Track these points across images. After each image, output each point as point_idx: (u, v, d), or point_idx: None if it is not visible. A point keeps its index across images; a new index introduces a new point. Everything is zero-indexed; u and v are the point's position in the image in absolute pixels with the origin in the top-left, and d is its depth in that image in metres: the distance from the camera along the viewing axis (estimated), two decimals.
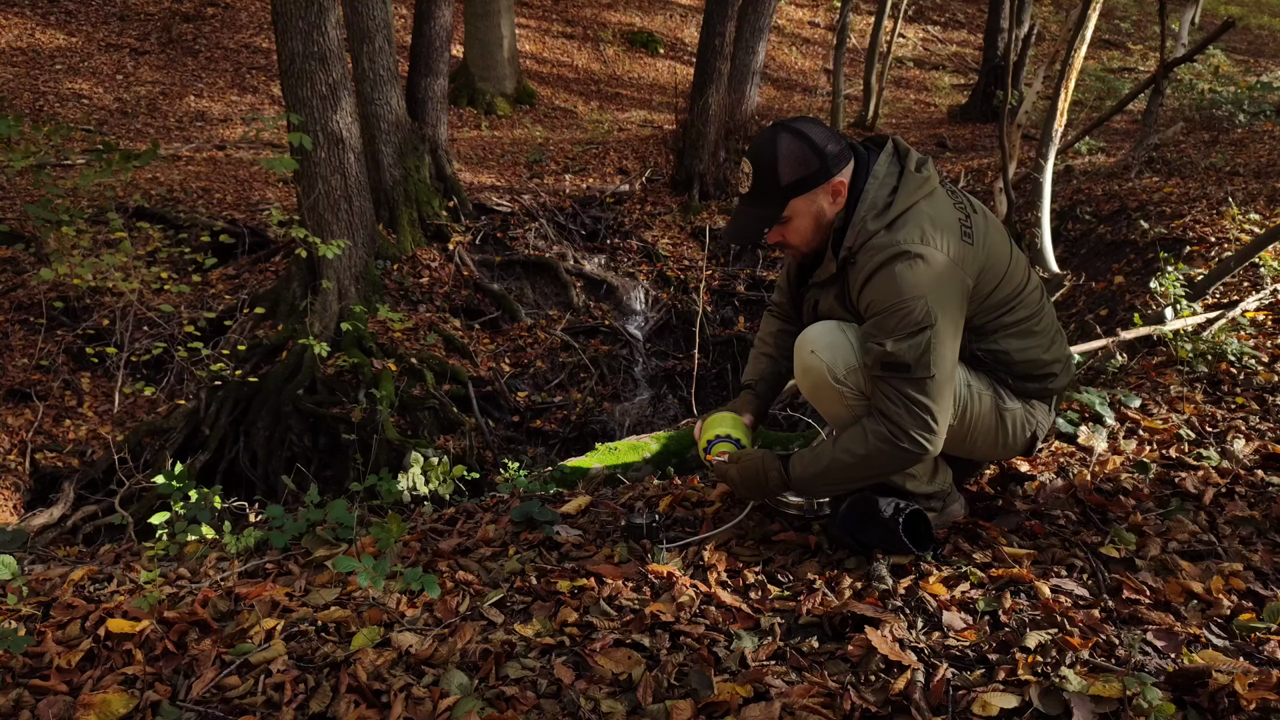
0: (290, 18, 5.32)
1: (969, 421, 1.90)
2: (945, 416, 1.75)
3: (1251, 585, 1.72)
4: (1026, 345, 1.89)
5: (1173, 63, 6.57)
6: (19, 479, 4.84)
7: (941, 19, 17.32)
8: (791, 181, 1.76)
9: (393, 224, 6.72)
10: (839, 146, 1.78)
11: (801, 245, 1.86)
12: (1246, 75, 11.89)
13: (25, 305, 5.84)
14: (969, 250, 1.75)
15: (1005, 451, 2.02)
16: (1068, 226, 6.13)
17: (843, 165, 1.78)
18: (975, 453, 2.03)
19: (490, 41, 11.73)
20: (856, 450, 1.78)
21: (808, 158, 1.75)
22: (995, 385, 1.93)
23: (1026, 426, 1.97)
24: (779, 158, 1.75)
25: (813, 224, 1.81)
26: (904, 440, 1.73)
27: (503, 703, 1.50)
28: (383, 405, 5.21)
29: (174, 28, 12.36)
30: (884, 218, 1.72)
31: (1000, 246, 1.84)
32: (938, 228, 1.71)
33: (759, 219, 1.82)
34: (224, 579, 1.99)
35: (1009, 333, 1.87)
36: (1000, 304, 1.84)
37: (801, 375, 1.87)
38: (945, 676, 1.46)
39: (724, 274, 7.48)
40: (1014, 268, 1.86)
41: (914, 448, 1.73)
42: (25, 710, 1.52)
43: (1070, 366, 2.02)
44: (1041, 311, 1.92)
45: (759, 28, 8.36)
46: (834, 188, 1.78)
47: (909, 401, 1.71)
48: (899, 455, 1.75)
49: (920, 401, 1.71)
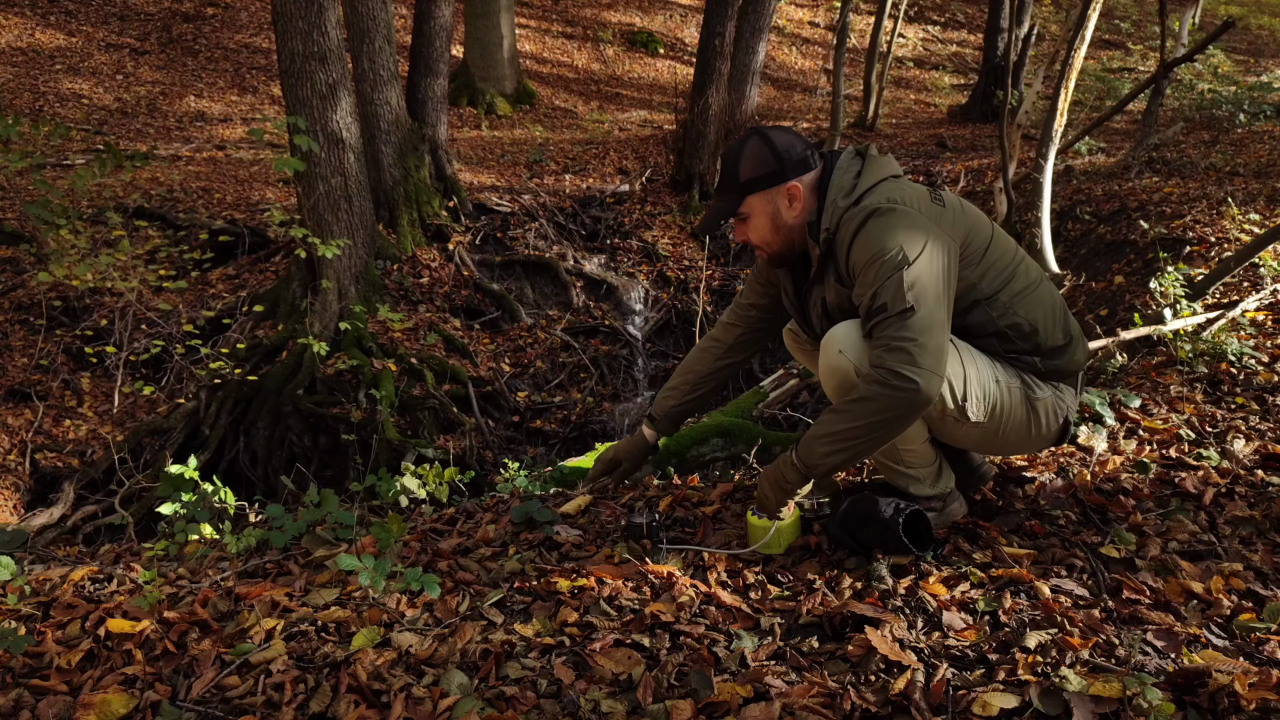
0: (290, 17, 5.32)
1: (999, 416, 1.89)
2: (935, 354, 1.70)
3: (1251, 585, 1.72)
4: (1040, 314, 1.90)
5: (1173, 63, 6.57)
6: (19, 479, 4.84)
7: (941, 19, 17.32)
8: (748, 179, 1.87)
9: (393, 224, 6.72)
10: (803, 155, 1.87)
11: (762, 245, 1.95)
12: (1246, 75, 11.90)
13: (25, 305, 5.84)
14: (941, 211, 1.82)
15: (1039, 443, 2.00)
16: (1068, 226, 6.13)
17: (802, 172, 1.87)
18: (1007, 449, 2.03)
19: (490, 41, 11.73)
20: (852, 402, 1.74)
21: (766, 159, 1.86)
22: (1022, 375, 1.92)
23: (1058, 413, 1.97)
24: (742, 157, 1.88)
25: (769, 223, 1.90)
26: (894, 379, 1.68)
27: (503, 703, 1.50)
28: (383, 405, 5.21)
29: (174, 28, 12.36)
30: (851, 195, 1.81)
31: (979, 219, 1.90)
32: (906, 193, 1.81)
33: (720, 211, 1.94)
34: (224, 579, 1.99)
35: (1021, 300, 1.88)
36: (997, 272, 1.86)
37: (828, 375, 1.87)
38: (945, 676, 1.46)
39: (724, 274, 7.48)
40: (999, 238, 1.91)
41: (905, 385, 1.67)
42: (25, 710, 1.52)
43: (1084, 341, 2.02)
44: (1041, 281, 1.94)
45: (759, 28, 8.36)
46: (789, 191, 1.87)
47: (892, 340, 1.69)
48: (893, 398, 1.69)
49: (904, 336, 1.68)
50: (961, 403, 1.83)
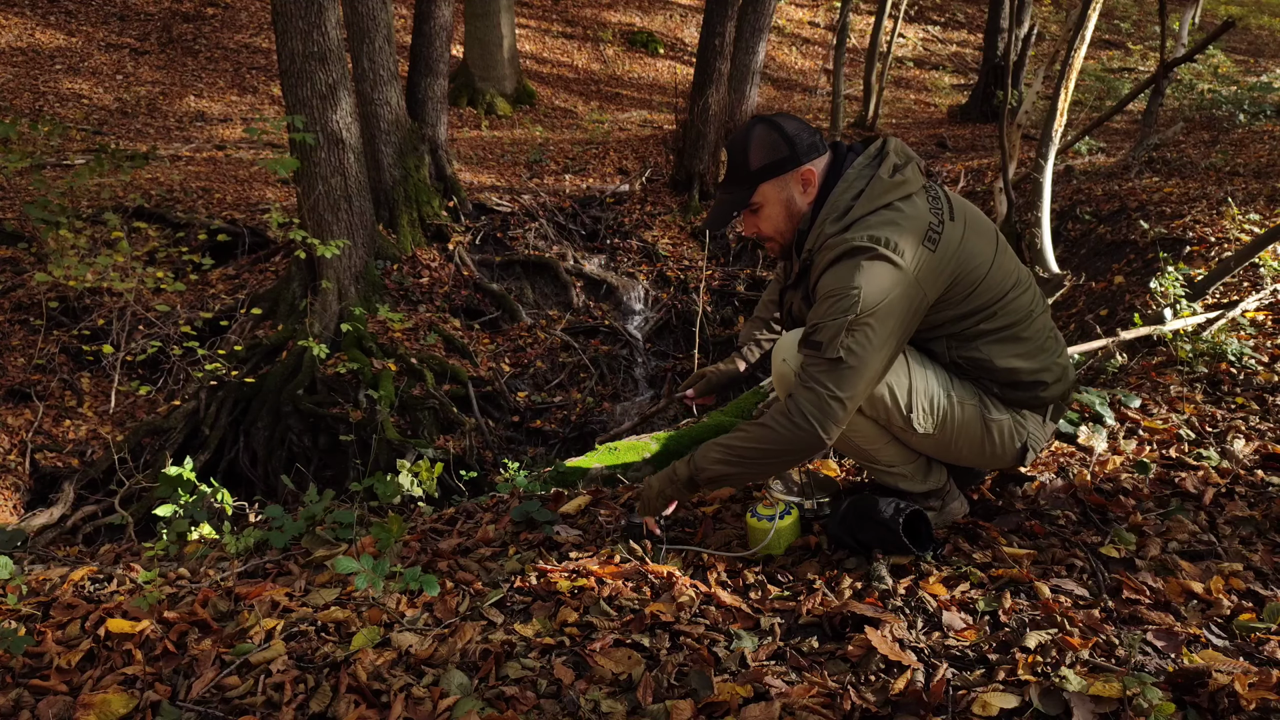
0: (290, 17, 5.32)
1: (950, 430, 1.87)
2: (846, 408, 1.70)
3: (1251, 585, 1.72)
4: (1008, 352, 1.84)
5: (1173, 63, 6.57)
6: (19, 479, 4.84)
7: (941, 19, 17.32)
8: (760, 166, 1.81)
9: (393, 224, 6.72)
10: (812, 139, 1.82)
11: (775, 235, 1.89)
12: (1246, 75, 11.90)
13: (25, 305, 5.84)
14: (929, 257, 1.71)
15: (994, 461, 1.97)
16: (1068, 226, 6.13)
17: (814, 156, 1.81)
18: (961, 460, 1.99)
19: (490, 41, 11.73)
20: (756, 425, 1.78)
21: (778, 144, 1.80)
22: (981, 395, 1.88)
23: (1015, 437, 1.92)
24: (750, 144, 1.81)
25: (783, 211, 1.85)
26: (798, 419, 1.69)
27: (503, 703, 1.50)
28: (382, 405, 5.21)
29: (174, 28, 12.36)
30: (841, 222, 1.74)
31: (979, 254, 1.79)
32: (898, 231, 1.69)
33: (730, 203, 1.87)
34: (224, 579, 1.99)
35: (988, 340, 1.82)
36: (976, 311, 1.80)
37: (776, 380, 1.93)
38: (945, 676, 1.46)
39: (724, 274, 7.48)
40: (995, 274, 1.80)
41: (805, 426, 1.69)
42: (25, 710, 1.52)
43: (1069, 375, 1.96)
44: (1030, 318, 1.86)
45: (759, 28, 8.36)
46: (803, 175, 1.81)
47: (813, 382, 1.69)
48: (793, 436, 1.71)
49: (823, 383, 1.68)
50: (906, 413, 1.82)
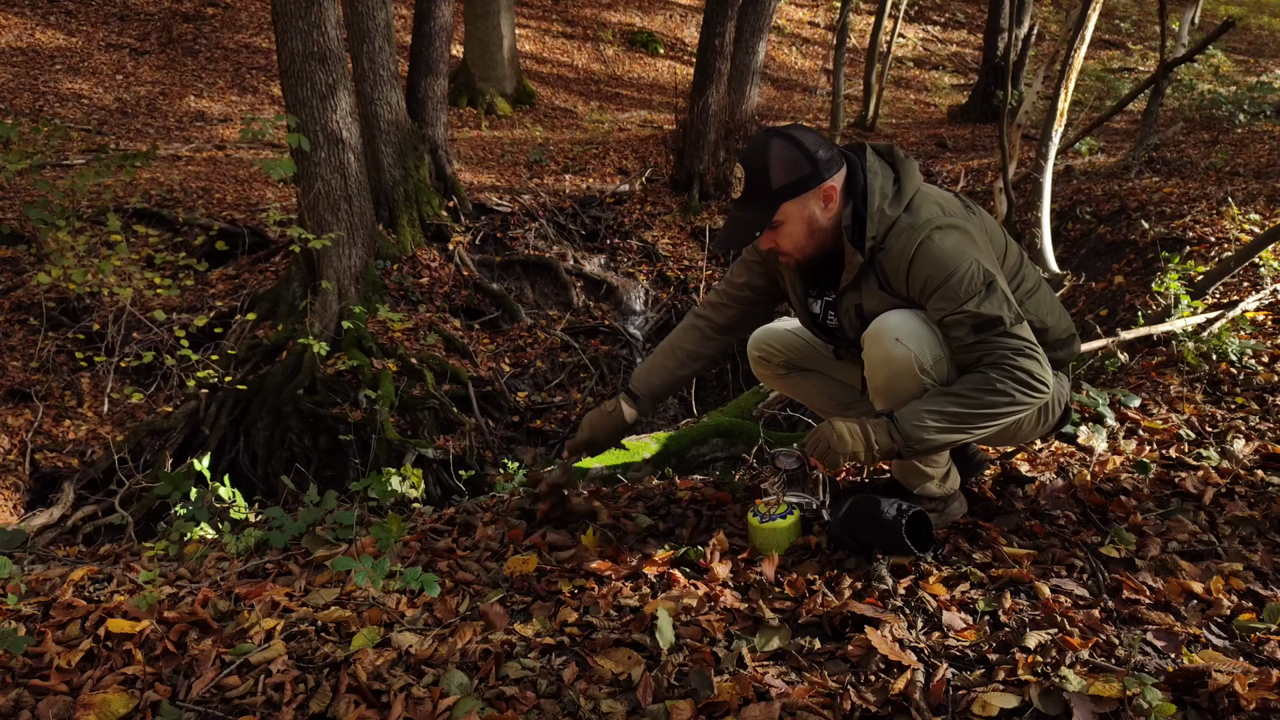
0: (290, 18, 5.32)
1: None
2: (1045, 360, 1.77)
3: (1251, 585, 1.72)
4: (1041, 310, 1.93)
5: (1173, 63, 6.57)
6: (19, 479, 4.84)
7: (941, 19, 17.32)
8: (783, 185, 1.76)
9: (393, 224, 6.72)
10: (830, 153, 1.79)
11: (794, 251, 1.85)
12: (1246, 75, 11.90)
13: (25, 305, 5.84)
14: (974, 219, 1.86)
15: (1043, 429, 2.05)
16: (1068, 226, 6.13)
17: (834, 171, 1.79)
18: (1019, 436, 2.04)
19: (490, 41, 11.73)
20: (979, 390, 1.72)
21: (799, 162, 1.76)
22: None
23: (1060, 400, 2.01)
24: (771, 162, 1.76)
25: (805, 229, 1.81)
26: (1032, 381, 1.72)
27: (503, 703, 1.50)
28: (382, 405, 5.20)
29: (174, 28, 12.36)
30: (899, 202, 1.78)
31: (994, 223, 1.95)
32: (946, 203, 1.83)
33: (751, 223, 1.81)
34: (224, 579, 1.99)
35: (1032, 299, 1.92)
36: (1016, 271, 1.91)
37: (881, 364, 1.80)
38: (945, 676, 1.46)
39: (724, 274, 7.47)
40: (1009, 241, 1.95)
41: (1042, 388, 1.73)
42: (25, 710, 1.52)
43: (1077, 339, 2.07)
44: (1040, 283, 1.99)
45: (759, 28, 8.36)
46: (825, 192, 1.79)
47: (1019, 351, 1.71)
48: (1030, 399, 1.73)
49: (1029, 345, 1.73)
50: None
